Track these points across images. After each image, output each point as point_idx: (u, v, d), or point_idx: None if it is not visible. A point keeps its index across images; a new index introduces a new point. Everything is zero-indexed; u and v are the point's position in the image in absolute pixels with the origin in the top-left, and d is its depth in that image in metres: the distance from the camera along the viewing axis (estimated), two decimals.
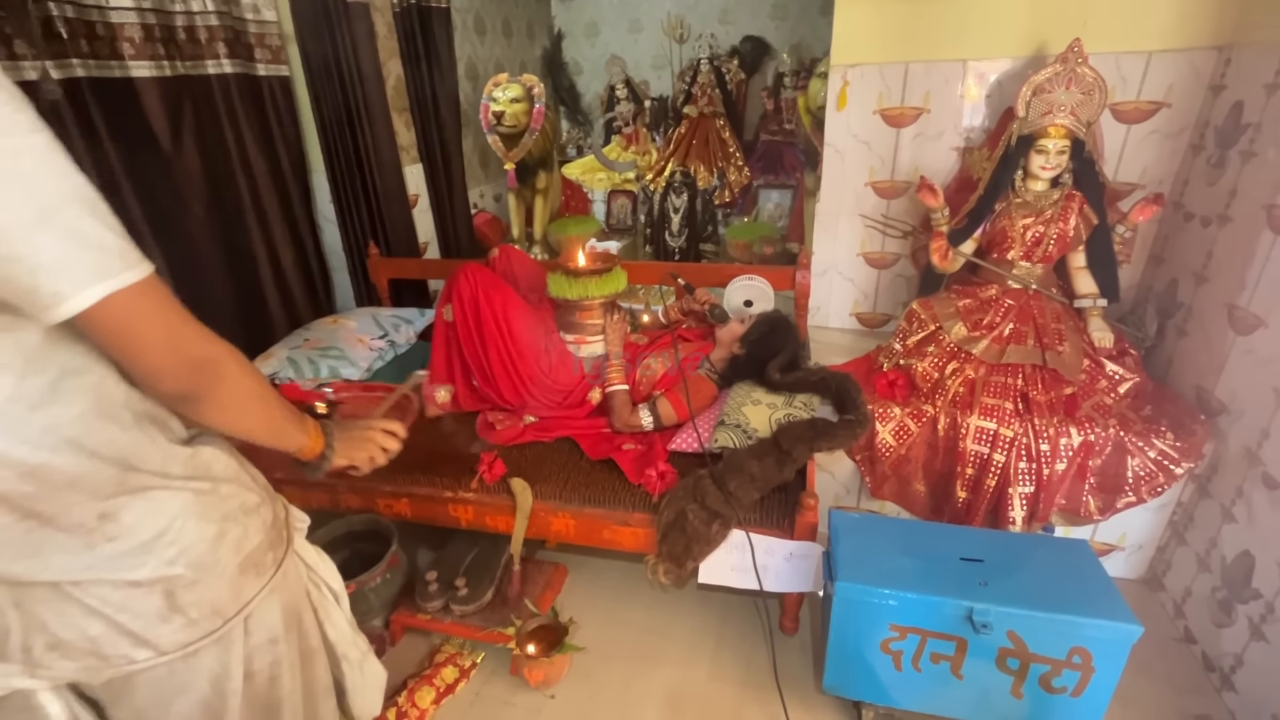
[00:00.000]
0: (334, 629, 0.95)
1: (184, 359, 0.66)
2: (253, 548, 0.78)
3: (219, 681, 0.76)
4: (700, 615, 1.71)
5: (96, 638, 0.68)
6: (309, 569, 0.92)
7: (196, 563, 0.72)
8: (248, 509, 0.79)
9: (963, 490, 1.66)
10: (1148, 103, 1.76)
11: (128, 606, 0.68)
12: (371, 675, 1.02)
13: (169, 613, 0.71)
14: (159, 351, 0.64)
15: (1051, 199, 1.69)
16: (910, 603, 1.23)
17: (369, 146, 2.31)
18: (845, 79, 1.98)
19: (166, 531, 0.70)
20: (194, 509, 0.72)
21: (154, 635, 0.70)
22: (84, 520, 0.65)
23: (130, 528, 0.67)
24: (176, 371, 0.66)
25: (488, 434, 1.75)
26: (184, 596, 0.71)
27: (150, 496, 0.69)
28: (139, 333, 0.62)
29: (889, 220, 2.12)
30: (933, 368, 1.73)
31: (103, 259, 0.58)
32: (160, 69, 1.81)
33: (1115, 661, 1.16)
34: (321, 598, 0.93)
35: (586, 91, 4.17)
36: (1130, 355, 1.70)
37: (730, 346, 1.75)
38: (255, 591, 0.78)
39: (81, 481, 0.64)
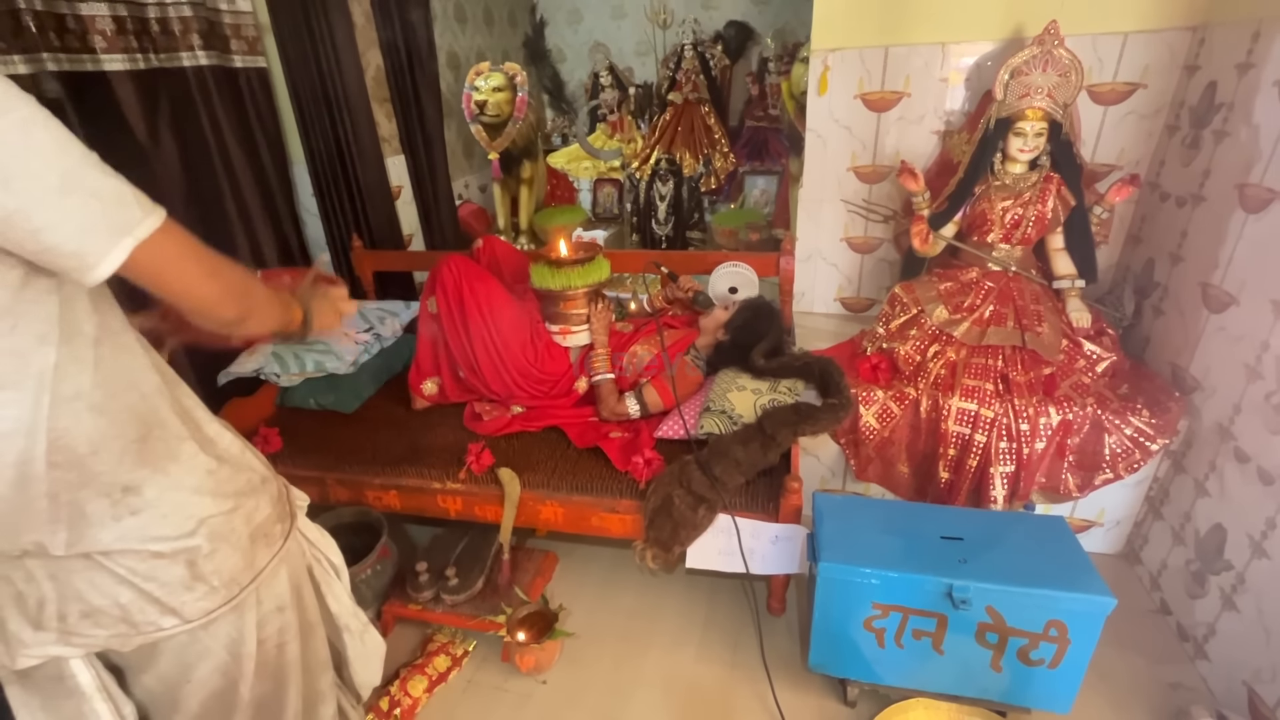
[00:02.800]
0: (336, 601, 0.99)
1: (226, 284, 0.71)
2: (263, 519, 0.83)
3: (235, 646, 0.81)
4: (688, 599, 1.73)
5: (127, 605, 0.72)
6: (310, 544, 0.96)
7: (214, 533, 0.76)
8: (254, 485, 0.83)
9: (945, 471, 1.69)
10: (1124, 84, 1.78)
11: (155, 575, 0.72)
12: (372, 645, 1.07)
13: (192, 581, 0.75)
14: (204, 283, 0.68)
15: (1030, 181, 1.70)
16: (891, 581, 1.25)
17: (350, 138, 2.29)
18: (826, 64, 1.98)
19: (185, 505, 0.74)
20: (208, 484, 0.76)
21: (179, 603, 0.74)
22: (109, 492, 0.69)
23: (152, 501, 0.71)
24: (224, 297, 0.71)
25: (475, 425, 1.76)
26: (204, 566, 0.75)
27: (168, 471, 0.73)
28: (180, 270, 0.66)
29: (871, 205, 2.13)
30: (915, 350, 1.75)
31: (126, 211, 0.61)
32: (134, 62, 1.78)
33: (1090, 633, 1.19)
34: (324, 572, 0.97)
35: (570, 79, 4.14)
36: (1108, 335, 1.72)
37: (715, 333, 1.76)
38: (266, 561, 0.83)
39: (104, 451, 0.67)
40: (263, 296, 0.79)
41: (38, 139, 0.56)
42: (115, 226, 0.60)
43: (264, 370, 1.86)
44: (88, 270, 0.59)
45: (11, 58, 1.51)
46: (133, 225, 0.61)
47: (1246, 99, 1.45)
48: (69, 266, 0.59)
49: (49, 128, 0.57)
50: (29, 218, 0.56)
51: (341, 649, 1.03)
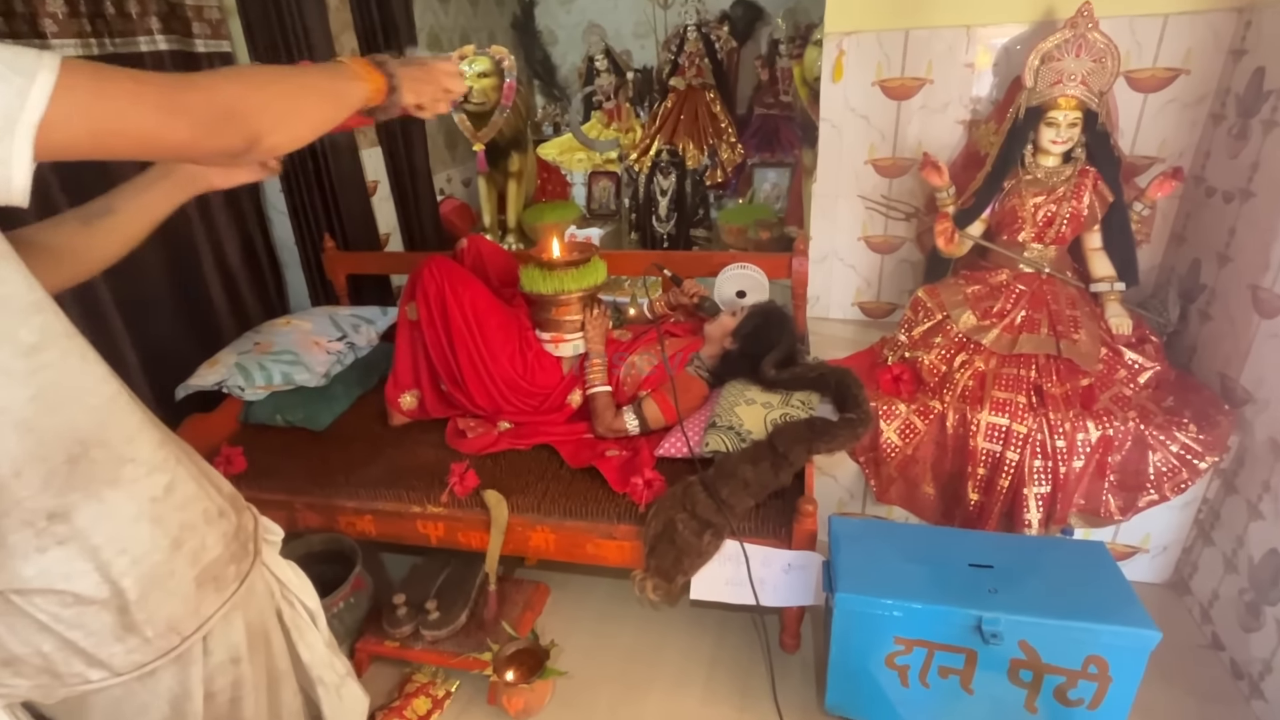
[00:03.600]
0: (309, 650, 0.95)
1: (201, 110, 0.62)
2: (211, 559, 0.78)
3: (179, 702, 0.78)
4: (693, 634, 1.74)
5: (50, 654, 0.69)
6: (282, 585, 0.92)
7: (150, 574, 0.72)
8: (208, 517, 0.79)
9: (974, 492, 1.70)
10: (1164, 69, 1.81)
11: (80, 623, 0.69)
12: (350, 700, 1.03)
13: (123, 631, 0.71)
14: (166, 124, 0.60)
15: (1064, 175, 1.72)
16: (915, 613, 1.26)
17: None
18: (841, 48, 2.01)
19: (119, 537, 0.70)
20: (149, 513, 0.72)
21: (107, 655, 0.71)
22: (33, 520, 0.65)
23: (82, 530, 0.67)
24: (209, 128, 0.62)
25: (458, 443, 1.77)
26: (138, 613, 0.72)
27: (103, 497, 0.69)
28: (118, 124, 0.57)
29: (891, 201, 2.16)
30: (940, 360, 1.76)
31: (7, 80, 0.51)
32: (88, 47, 1.80)
33: (1133, 670, 1.20)
34: (296, 616, 0.94)
35: (562, 63, 4.18)
36: (1150, 342, 1.74)
37: (721, 342, 1.78)
38: (215, 608, 0.79)
39: (30, 472, 0.64)
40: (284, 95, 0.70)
41: None
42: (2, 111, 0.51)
43: (226, 383, 1.87)
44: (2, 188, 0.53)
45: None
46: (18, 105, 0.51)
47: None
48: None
49: None
50: None
51: (316, 703, 1.00)
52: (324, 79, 0.77)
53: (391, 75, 0.83)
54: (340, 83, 0.79)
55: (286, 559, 0.98)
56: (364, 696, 1.07)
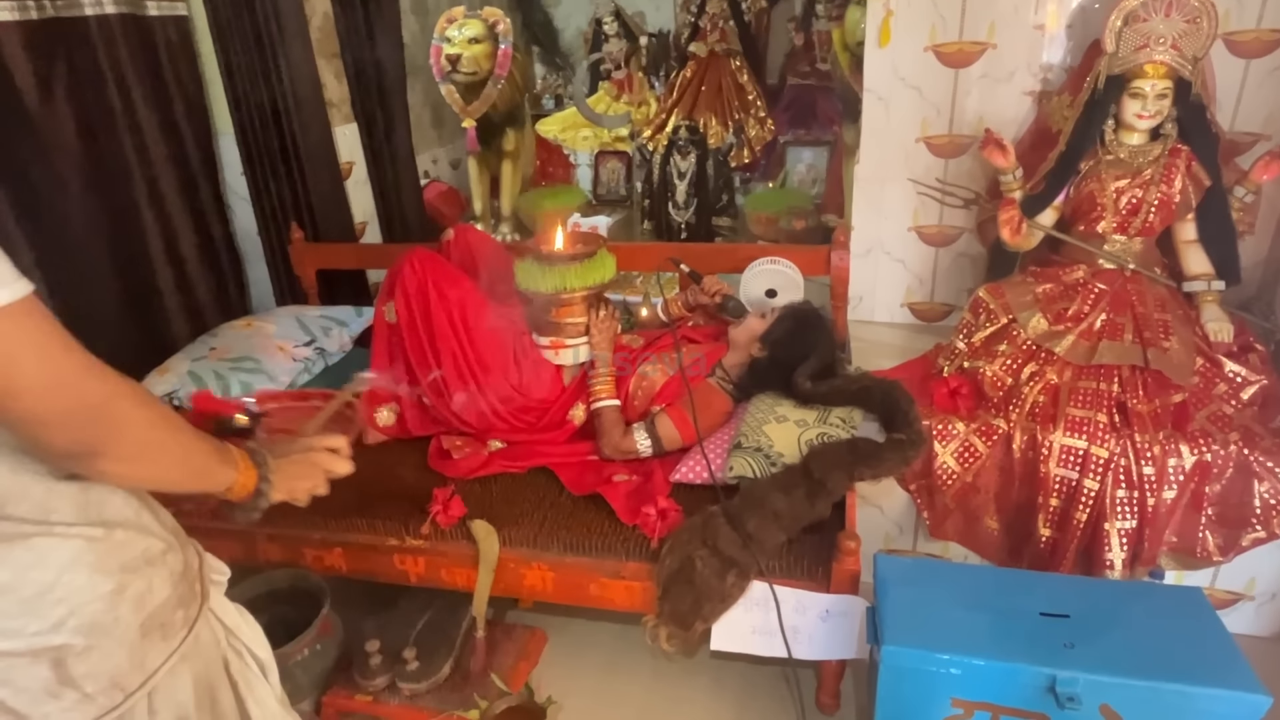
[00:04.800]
0: (259, 707, 0.96)
1: (71, 403, 0.67)
2: (158, 604, 0.80)
3: None
4: (713, 692, 1.72)
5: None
6: (228, 632, 0.94)
7: (90, 624, 0.73)
8: (150, 557, 0.80)
9: (1046, 527, 1.68)
10: (1271, 31, 1.79)
11: (9, 680, 0.71)
12: None
13: (59, 687, 0.72)
14: (39, 394, 0.64)
15: (1151, 155, 1.71)
16: (977, 671, 1.24)
17: (289, 103, 2.34)
18: (888, 7, 2.01)
19: (54, 587, 0.71)
20: (86, 558, 0.73)
21: (40, 715, 0.72)
22: None
23: (9, 584, 0.69)
24: (65, 420, 0.67)
25: (442, 465, 1.77)
26: (77, 667, 0.73)
27: (31, 545, 0.70)
28: (12, 370, 0.62)
29: (947, 186, 2.15)
30: (1005, 371, 1.75)
31: None
32: (25, 11, 1.84)
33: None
34: (244, 668, 0.95)
35: (566, 27, 4.22)
36: (1256, 351, 1.72)
37: (748, 349, 1.77)
38: (162, 659, 0.80)
39: None
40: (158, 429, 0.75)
41: None
42: None
43: (178, 394, 1.89)
44: None
45: None
46: None
47: None
48: None
49: None
50: None
51: None
52: (199, 445, 0.81)
53: (264, 479, 0.89)
54: (212, 460, 0.83)
55: (237, 600, 0.99)
56: None
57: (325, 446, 1.01)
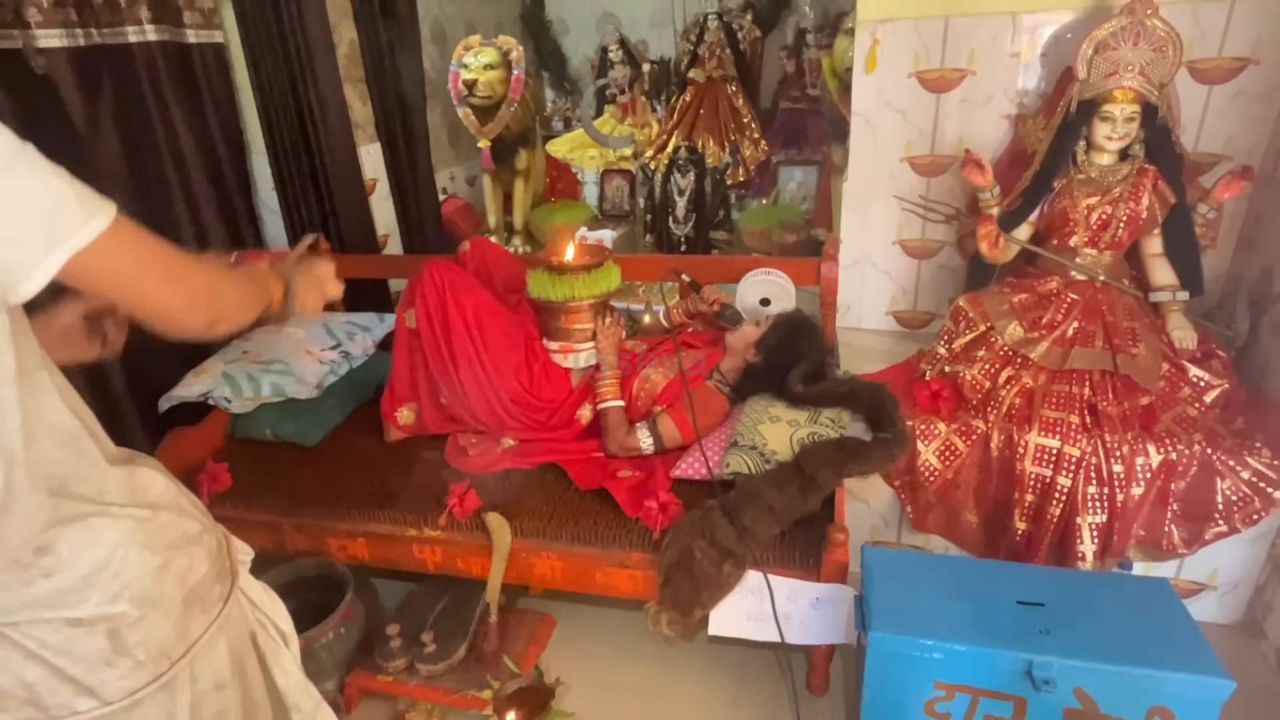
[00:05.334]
0: (284, 675, 0.98)
1: (191, 290, 0.73)
2: (198, 579, 0.82)
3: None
4: (712, 674, 1.71)
5: (34, 684, 0.72)
6: (254, 607, 0.95)
7: (141, 597, 0.75)
8: (190, 537, 0.83)
9: (1022, 520, 1.67)
10: (1231, 59, 1.78)
11: (69, 649, 0.72)
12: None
13: (114, 655, 0.74)
14: (162, 290, 0.70)
15: (1120, 174, 1.70)
16: (958, 656, 1.23)
17: (318, 124, 2.34)
18: (875, 37, 2.01)
19: (108, 563, 0.73)
20: (135, 537, 0.76)
21: (97, 681, 0.74)
22: (19, 556, 0.68)
23: (68, 561, 0.71)
24: (189, 305, 0.73)
25: (459, 461, 1.77)
26: (130, 636, 0.75)
27: (88, 525, 0.72)
28: (132, 277, 0.68)
29: (930, 202, 2.14)
30: (984, 375, 1.74)
31: (69, 212, 0.61)
32: (73, 38, 1.84)
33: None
34: (269, 640, 0.97)
35: (574, 55, 4.21)
36: (1218, 358, 1.70)
37: (744, 353, 1.77)
38: (202, 629, 0.82)
39: (14, 509, 0.67)
40: (234, 289, 0.81)
41: None
42: (52, 234, 0.60)
43: (213, 394, 1.89)
44: (15, 285, 0.60)
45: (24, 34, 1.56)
46: (71, 231, 0.61)
47: None
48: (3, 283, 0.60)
49: None
50: None
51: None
52: (254, 283, 0.89)
53: (289, 285, 0.96)
54: (260, 287, 0.91)
55: (264, 582, 1.01)
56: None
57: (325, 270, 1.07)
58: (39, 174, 0.60)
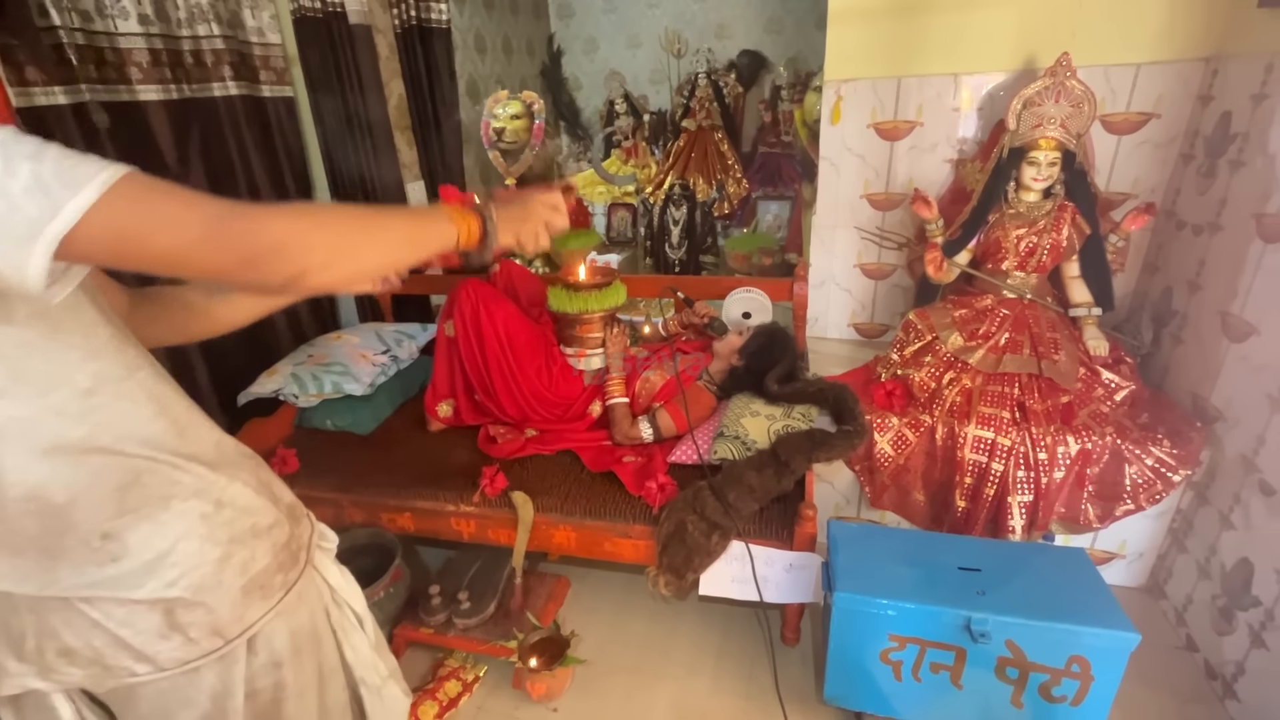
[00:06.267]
0: (353, 651, 0.93)
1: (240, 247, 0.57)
2: (259, 570, 0.77)
3: (220, 699, 0.76)
4: (701, 627, 1.71)
5: (100, 649, 0.69)
6: (331, 590, 0.90)
7: (198, 585, 0.71)
8: (258, 531, 0.78)
9: (962, 499, 1.67)
10: (1137, 114, 1.79)
11: (129, 622, 0.69)
12: (391, 701, 1.00)
13: (168, 631, 0.71)
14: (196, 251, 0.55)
15: (1044, 209, 1.71)
16: (908, 612, 1.24)
17: (371, 164, 2.35)
18: (839, 94, 2.01)
19: (169, 553, 0.69)
20: (199, 530, 0.71)
21: (153, 651, 0.71)
22: (87, 540, 0.65)
23: (133, 549, 0.67)
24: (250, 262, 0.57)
25: (489, 448, 1.77)
26: (183, 616, 0.71)
27: (154, 518, 0.68)
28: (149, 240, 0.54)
29: (885, 232, 2.14)
30: (930, 378, 1.74)
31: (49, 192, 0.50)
32: (168, 92, 1.85)
33: (1114, 670, 1.17)
34: (343, 619, 0.91)
35: (586, 106, 4.23)
36: (1126, 363, 1.71)
37: (729, 358, 1.77)
38: (260, 615, 0.77)
39: (83, 500, 0.64)
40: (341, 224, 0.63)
41: None
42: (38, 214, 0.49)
43: (283, 391, 1.89)
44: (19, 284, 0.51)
45: (52, 89, 1.57)
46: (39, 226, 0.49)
47: (1261, 129, 1.46)
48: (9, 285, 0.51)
49: None
50: None
51: (360, 702, 0.97)
52: (405, 221, 0.73)
53: (487, 219, 0.79)
54: (424, 226, 0.74)
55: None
56: (404, 697, 1.02)
57: (544, 201, 0.88)
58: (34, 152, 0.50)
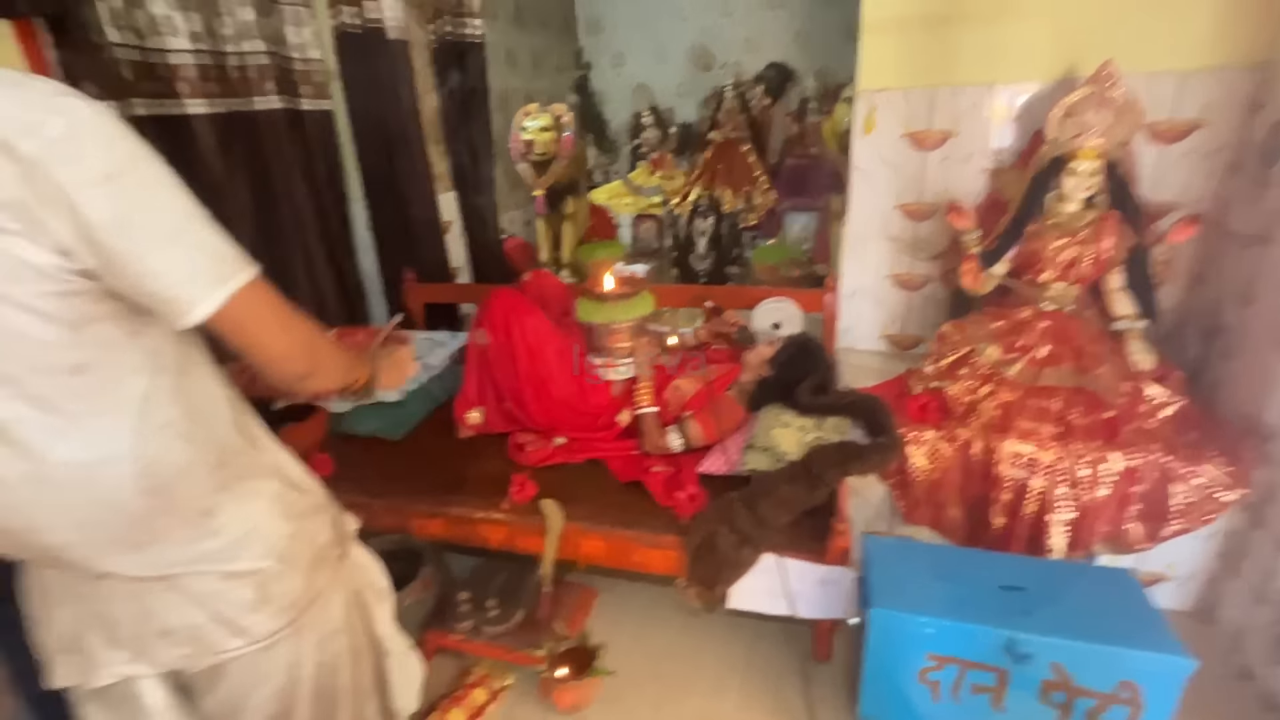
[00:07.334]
0: (380, 624, 1.01)
1: (298, 341, 0.76)
2: (323, 542, 0.86)
3: (293, 670, 0.83)
4: (730, 641, 1.69)
5: (199, 625, 0.75)
6: (359, 569, 0.99)
7: (282, 555, 0.80)
8: (316, 508, 0.88)
9: (999, 516, 1.63)
10: (1183, 122, 1.74)
11: (225, 597, 0.76)
12: (412, 670, 1.08)
13: (259, 603, 0.78)
14: (279, 338, 0.73)
15: (1085, 220, 1.67)
16: (948, 631, 1.20)
17: (404, 176, 2.40)
18: (873, 104, 2.00)
19: (257, 527, 0.78)
20: (276, 508, 0.80)
21: (247, 624, 0.77)
22: (190, 517, 0.72)
23: (226, 524, 0.75)
24: (295, 354, 0.76)
25: (518, 455, 1.77)
26: (272, 588, 0.78)
27: (241, 495, 0.77)
28: (261, 324, 0.71)
29: (919, 242, 2.11)
30: (966, 390, 1.70)
31: (222, 265, 0.66)
32: (213, 106, 1.91)
33: (1167, 697, 1.12)
34: (370, 594, 0.99)
35: (614, 119, 4.26)
36: (1173, 378, 1.65)
37: (759, 369, 1.75)
38: (323, 585, 0.85)
39: (188, 477, 0.71)
40: (330, 354, 0.83)
41: (160, 197, 0.63)
42: (213, 278, 0.65)
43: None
44: (182, 315, 0.65)
45: (107, 102, 1.64)
46: (227, 278, 0.66)
47: None
48: (166, 310, 0.65)
49: (168, 185, 0.64)
50: (141, 260, 0.61)
51: (384, 673, 1.04)
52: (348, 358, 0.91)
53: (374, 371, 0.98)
54: (354, 364, 0.93)
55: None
56: (421, 664, 1.11)
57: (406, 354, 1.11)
58: (211, 231, 0.66)
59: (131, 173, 0.60)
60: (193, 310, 0.64)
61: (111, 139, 0.60)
